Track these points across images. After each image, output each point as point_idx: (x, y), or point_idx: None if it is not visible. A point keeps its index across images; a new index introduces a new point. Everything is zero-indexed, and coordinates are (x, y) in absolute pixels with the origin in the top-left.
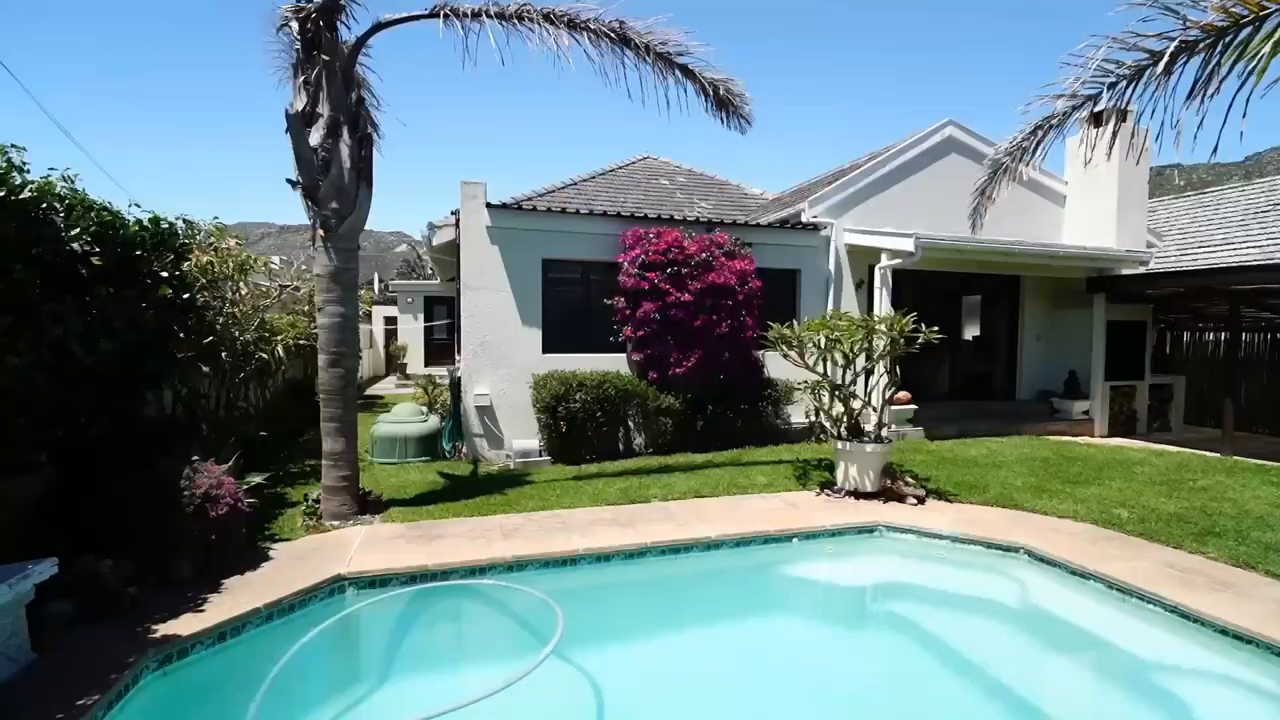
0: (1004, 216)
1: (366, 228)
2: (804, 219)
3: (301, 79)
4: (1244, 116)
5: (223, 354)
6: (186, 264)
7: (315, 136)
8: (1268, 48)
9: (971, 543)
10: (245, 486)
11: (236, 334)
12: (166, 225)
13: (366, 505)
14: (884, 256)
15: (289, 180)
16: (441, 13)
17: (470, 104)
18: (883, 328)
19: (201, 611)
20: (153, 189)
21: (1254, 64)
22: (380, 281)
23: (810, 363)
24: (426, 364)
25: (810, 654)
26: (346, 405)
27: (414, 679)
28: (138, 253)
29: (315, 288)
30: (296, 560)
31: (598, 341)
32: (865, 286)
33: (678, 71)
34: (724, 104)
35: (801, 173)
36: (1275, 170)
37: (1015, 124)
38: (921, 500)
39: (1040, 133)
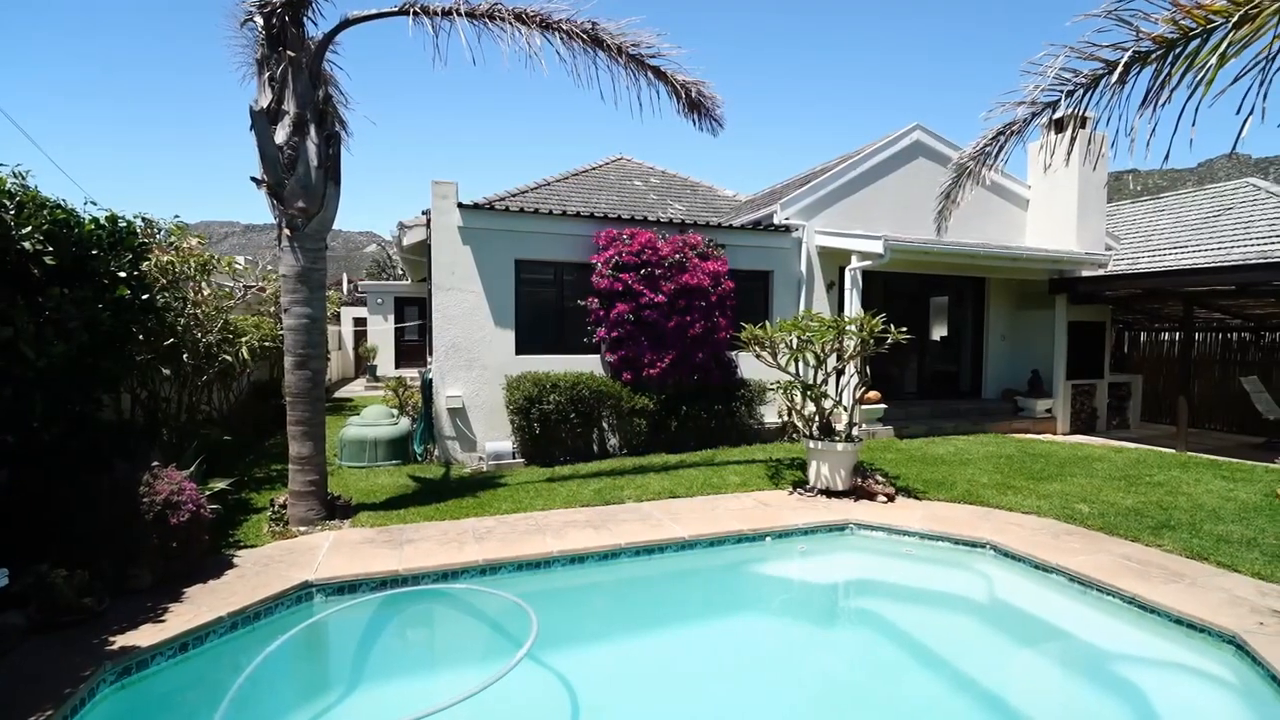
0: (970, 219)
1: (335, 227)
2: (776, 221)
3: (267, 75)
4: (1193, 124)
5: (184, 356)
6: (146, 263)
7: (281, 134)
8: (1214, 59)
9: (940, 539)
10: (208, 492)
11: (199, 335)
12: (124, 224)
13: (335, 510)
14: (854, 258)
15: (254, 178)
16: (411, 10)
17: (443, 104)
18: (853, 328)
19: (162, 621)
20: (112, 188)
21: (1202, 75)
22: (349, 282)
23: (782, 363)
24: (397, 366)
25: (784, 651)
26: (314, 408)
27: (385, 686)
28: (93, 252)
29: (281, 288)
30: (262, 567)
31: (571, 342)
32: (836, 287)
33: (650, 73)
34: (696, 106)
35: (771, 175)
36: (1225, 176)
37: (980, 129)
38: (891, 498)
39: (1002, 138)
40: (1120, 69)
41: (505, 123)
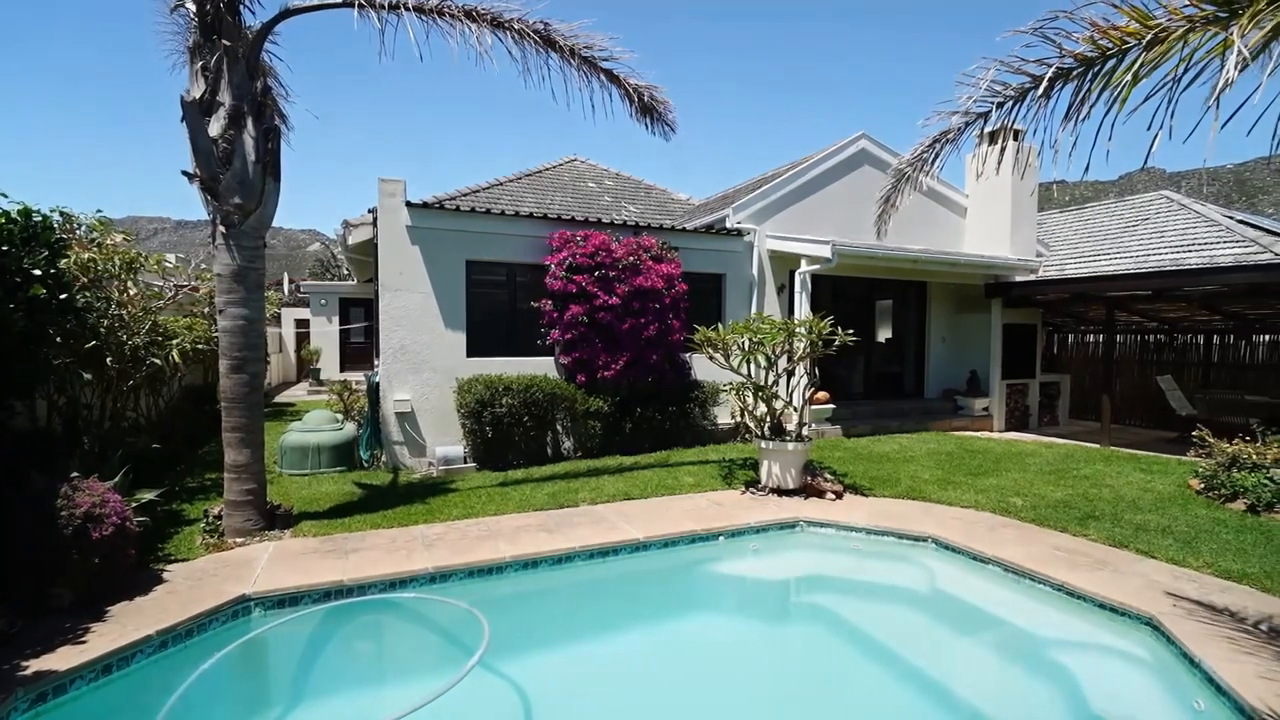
0: (912, 226)
1: (275, 225)
2: (728, 225)
3: (200, 64)
4: (1109, 139)
5: (108, 359)
6: (64, 261)
7: (215, 126)
8: (1128, 78)
9: (885, 534)
10: (134, 504)
11: (124, 338)
12: (40, 218)
13: (275, 519)
14: (803, 262)
15: (185, 173)
16: (356, 2)
17: (394, 100)
18: (802, 330)
19: (82, 643)
20: (28, 180)
21: (1117, 93)
22: (291, 282)
23: (735, 365)
24: (342, 369)
25: (737, 648)
26: (251, 413)
27: (330, 701)
28: (4, 248)
29: (216, 288)
30: (195, 582)
31: (525, 345)
32: (786, 290)
33: (602, 76)
34: (648, 110)
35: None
36: (1144, 189)
37: (920, 136)
38: (840, 495)
39: (938, 145)
40: (1045, 84)
41: (460, 121)
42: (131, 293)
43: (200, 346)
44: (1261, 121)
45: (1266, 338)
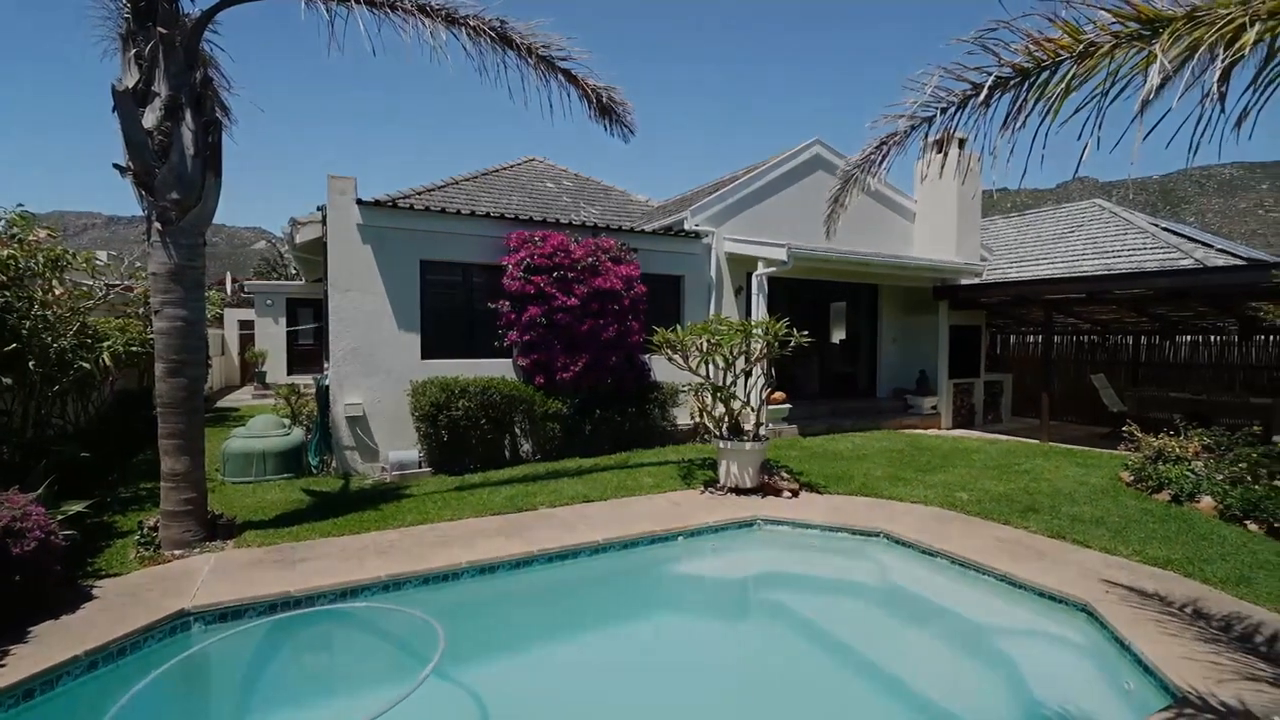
0: (864, 231)
1: (217, 222)
2: (687, 227)
3: (133, 52)
4: (1044, 148)
5: (30, 363)
6: None
7: (151, 118)
8: (1061, 89)
9: (839, 530)
10: (60, 517)
11: (49, 340)
12: None
13: (216, 530)
14: (760, 264)
15: (117, 166)
16: None
17: (347, 95)
18: (759, 332)
19: (1, 666)
20: None
21: (1051, 103)
22: (234, 281)
23: (693, 366)
24: (290, 372)
25: (697, 647)
26: (190, 419)
27: (277, 718)
28: None
29: (151, 287)
30: (128, 597)
31: (482, 346)
32: (744, 292)
33: (561, 76)
34: (607, 111)
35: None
36: (1079, 197)
37: (868, 138)
38: (796, 493)
39: (885, 148)
40: (985, 91)
41: (415, 119)
42: (57, 292)
43: (135, 349)
44: (1180, 135)
45: (1188, 338)
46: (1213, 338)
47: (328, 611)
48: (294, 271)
